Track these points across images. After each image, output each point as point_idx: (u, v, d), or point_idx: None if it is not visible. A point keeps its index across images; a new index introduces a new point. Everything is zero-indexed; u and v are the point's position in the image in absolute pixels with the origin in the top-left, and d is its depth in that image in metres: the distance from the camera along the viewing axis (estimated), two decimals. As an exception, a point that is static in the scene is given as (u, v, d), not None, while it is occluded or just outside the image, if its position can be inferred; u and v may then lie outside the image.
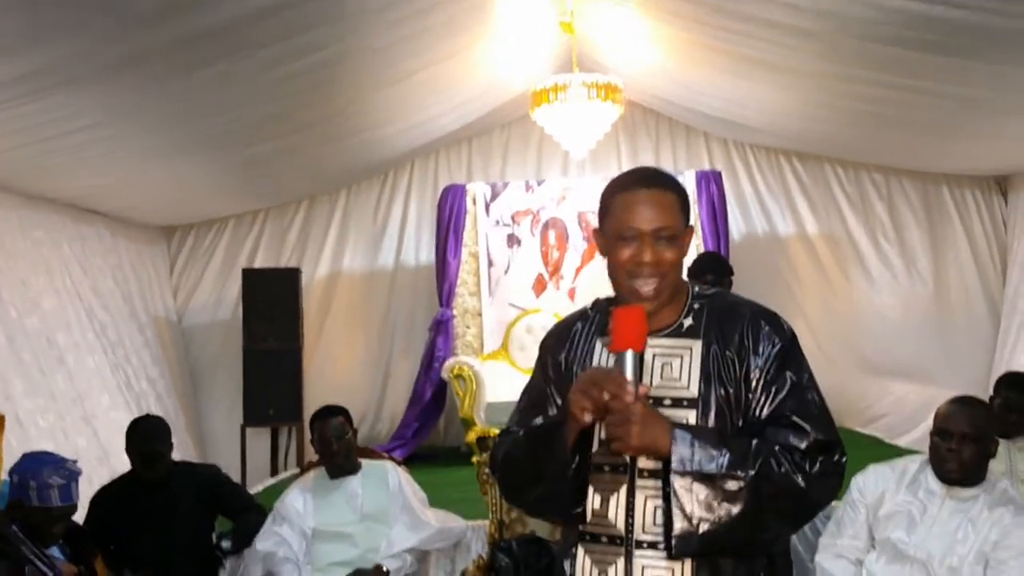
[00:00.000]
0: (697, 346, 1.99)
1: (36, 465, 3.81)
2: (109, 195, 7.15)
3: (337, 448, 4.43)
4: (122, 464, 6.44)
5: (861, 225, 8.77)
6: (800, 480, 1.89)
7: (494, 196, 8.39)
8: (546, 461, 1.96)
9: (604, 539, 1.99)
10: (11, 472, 3.80)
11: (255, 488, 7.12)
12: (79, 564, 3.79)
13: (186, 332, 8.84)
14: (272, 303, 8.11)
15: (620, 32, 7.27)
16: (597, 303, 2.18)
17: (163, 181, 7.11)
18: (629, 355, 1.87)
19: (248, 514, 4.51)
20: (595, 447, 1.98)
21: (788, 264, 8.87)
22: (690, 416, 1.94)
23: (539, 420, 2.12)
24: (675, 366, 1.99)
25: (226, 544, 4.28)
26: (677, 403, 1.96)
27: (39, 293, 6.55)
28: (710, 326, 2.01)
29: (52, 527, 3.74)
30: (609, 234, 2.03)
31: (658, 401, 1.96)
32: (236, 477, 7.68)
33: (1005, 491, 3.35)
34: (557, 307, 8.14)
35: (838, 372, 8.49)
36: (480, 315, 8.35)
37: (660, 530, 1.92)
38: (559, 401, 2.10)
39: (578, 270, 8.39)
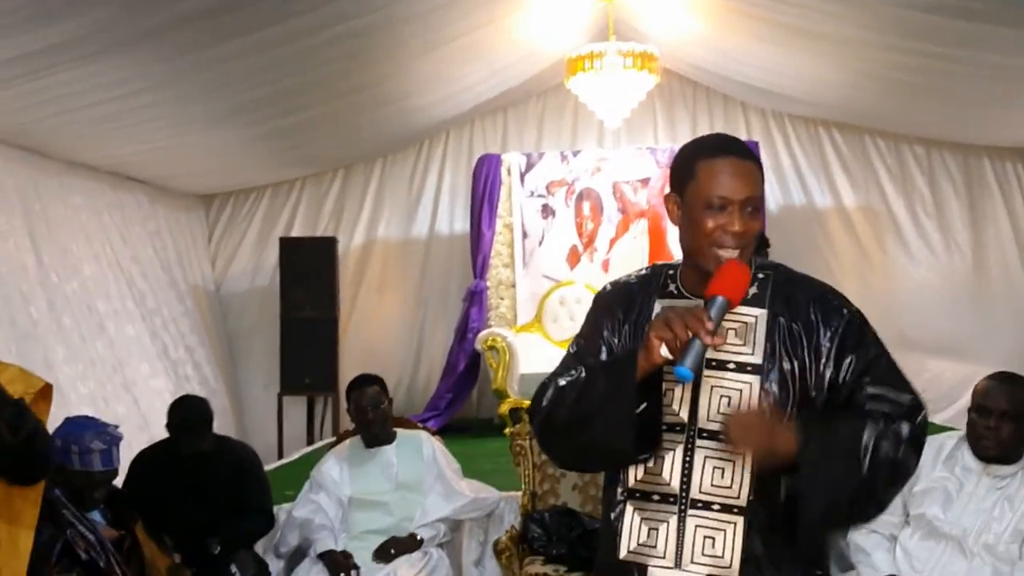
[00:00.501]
0: (762, 315, 1.99)
1: (78, 430, 3.86)
2: (148, 163, 7.21)
3: (373, 417, 4.46)
4: (162, 432, 6.55)
5: (901, 198, 8.66)
6: (905, 455, 1.98)
7: (529, 167, 8.36)
8: (609, 397, 1.92)
9: (656, 497, 1.98)
10: (53, 436, 3.84)
11: (292, 455, 7.21)
12: (120, 528, 3.84)
13: (224, 300, 8.93)
14: (309, 272, 8.17)
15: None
16: (656, 267, 2.17)
17: (201, 149, 7.16)
18: (719, 300, 1.85)
19: (252, 520, 4.43)
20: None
21: (825, 237, 8.78)
22: (754, 381, 1.96)
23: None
24: (740, 332, 1.99)
25: (214, 547, 4.27)
26: (741, 368, 1.97)
27: (80, 259, 6.63)
28: (775, 296, 2.01)
29: (94, 491, 3.78)
30: (691, 202, 1.98)
31: (722, 364, 1.97)
32: (273, 445, 7.79)
33: (1043, 468, 3.31)
34: (591, 279, 8.13)
35: (875, 347, 8.42)
36: (514, 286, 8.34)
37: (716, 490, 1.94)
38: (610, 348, 2.10)
39: (612, 242, 8.35)
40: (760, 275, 2.04)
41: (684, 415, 1.97)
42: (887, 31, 6.01)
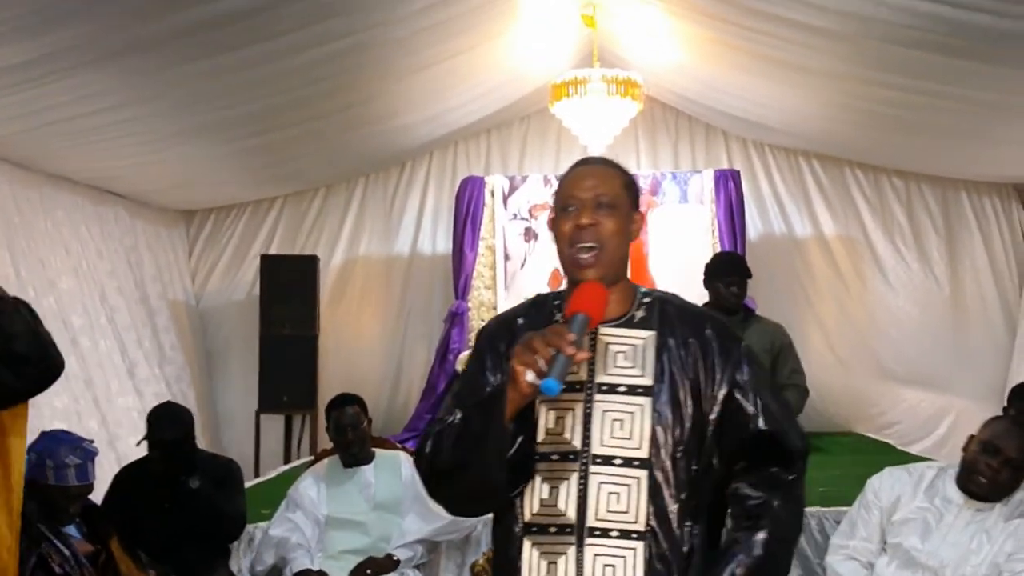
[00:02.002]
0: (651, 337, 2.00)
1: (53, 444, 3.83)
2: (128, 177, 7.19)
3: (352, 437, 4.44)
4: (129, 449, 6.50)
5: (879, 229, 8.74)
6: (792, 515, 2.11)
7: (512, 189, 8.39)
8: (482, 437, 1.88)
9: (553, 529, 1.95)
10: (29, 450, 3.81)
11: (269, 474, 7.16)
12: (95, 543, 3.81)
13: (203, 316, 8.88)
14: (289, 289, 8.15)
15: (642, 28, 7.25)
16: (540, 297, 2.17)
17: (183, 164, 7.14)
18: (579, 317, 1.83)
19: (231, 510, 4.45)
20: (541, 436, 1.96)
21: (804, 266, 8.84)
22: (645, 403, 1.95)
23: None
24: (629, 355, 1.99)
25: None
26: (631, 390, 1.96)
27: (57, 273, 6.59)
28: (664, 319, 2.02)
29: (69, 506, 3.76)
30: (556, 214, 2.05)
31: (612, 388, 1.97)
32: (250, 463, 7.74)
33: (1021, 502, 3.33)
34: (572, 302, 8.13)
35: (851, 377, 8.48)
36: (495, 308, 8.34)
37: (613, 515, 1.92)
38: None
39: (593, 265, 8.37)
40: (647, 299, 2.06)
41: (577, 442, 1.95)
42: (868, 65, 6.08)
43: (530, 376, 1.78)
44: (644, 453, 1.93)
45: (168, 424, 4.33)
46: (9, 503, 2.34)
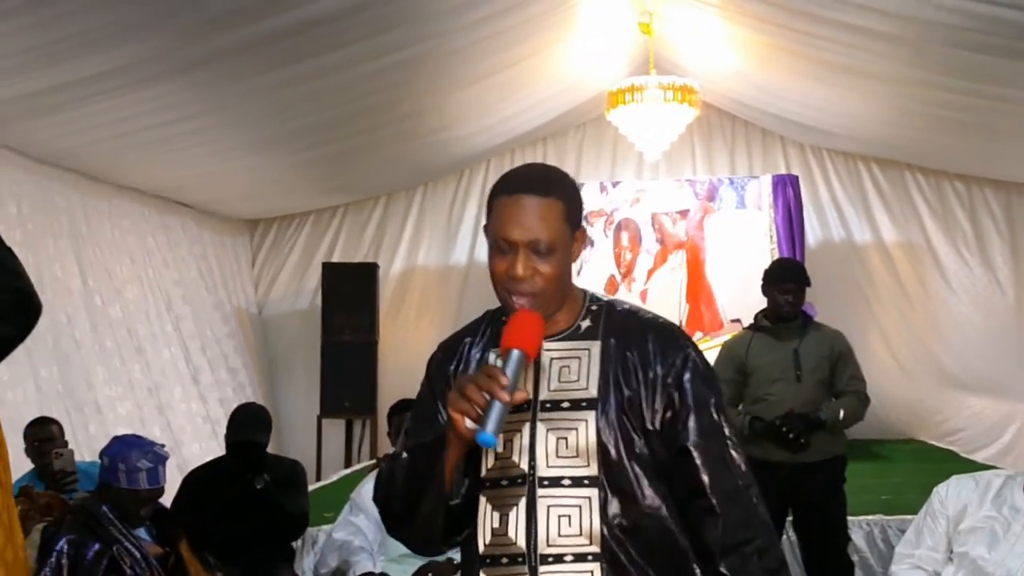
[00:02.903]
0: (596, 347, 1.86)
1: (125, 448, 3.92)
2: (196, 187, 7.36)
3: (413, 442, 4.49)
4: (192, 454, 6.65)
5: (941, 233, 8.62)
6: None
7: (568, 196, 8.41)
8: (427, 482, 1.78)
9: (505, 560, 1.82)
10: (101, 455, 3.92)
11: (330, 478, 7.28)
12: (165, 545, 3.90)
13: (266, 323, 9.06)
14: (350, 297, 8.29)
15: (698, 34, 7.26)
16: (488, 314, 1.99)
17: (247, 175, 7.30)
18: (515, 354, 1.69)
19: (295, 509, 4.53)
20: (491, 462, 1.83)
21: (864, 272, 8.75)
22: (589, 417, 1.80)
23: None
24: (573, 368, 1.85)
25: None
26: (575, 405, 1.82)
27: (123, 282, 6.76)
28: (609, 328, 1.87)
29: (139, 509, 3.84)
30: (489, 239, 1.84)
31: (556, 404, 1.82)
32: (311, 467, 7.86)
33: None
34: (628, 309, 8.16)
35: (914, 384, 8.37)
36: (551, 315, 8.38)
37: (566, 540, 1.79)
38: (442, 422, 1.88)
39: (650, 272, 8.39)
40: (593, 307, 1.91)
41: (524, 465, 1.81)
42: (929, 68, 6.02)
43: (468, 423, 1.67)
44: (593, 471, 1.78)
45: (253, 424, 4.44)
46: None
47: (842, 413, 4.19)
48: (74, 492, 4.21)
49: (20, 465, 4.64)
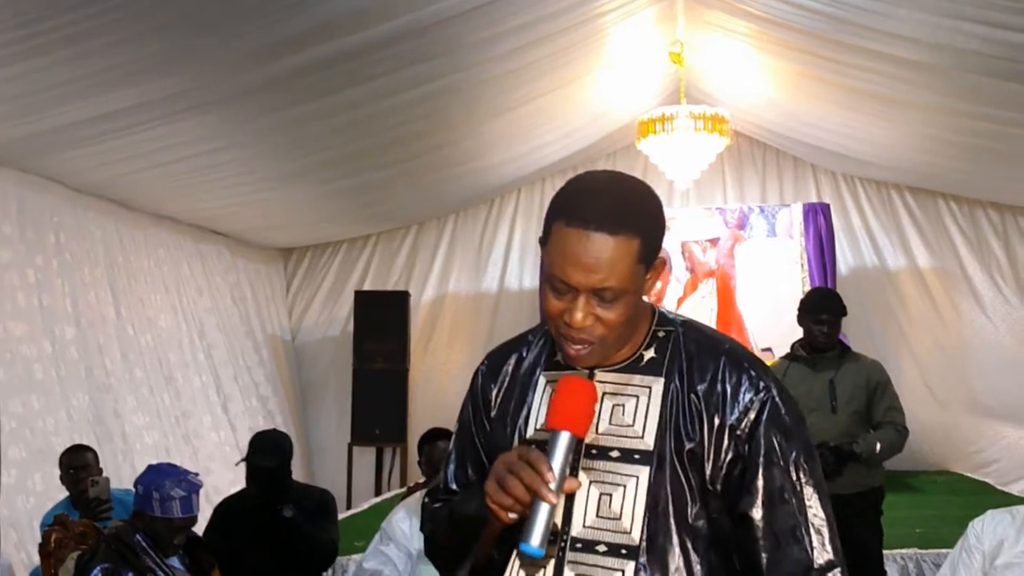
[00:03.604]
0: (658, 385, 1.55)
1: (159, 477, 3.95)
2: (230, 217, 7.45)
3: (443, 472, 4.49)
4: (220, 483, 6.68)
5: (976, 261, 8.55)
6: None
7: (599, 225, 8.43)
8: (466, 549, 1.63)
9: None
10: (136, 483, 3.95)
11: (360, 507, 7.28)
12: (197, 574, 3.92)
13: (299, 350, 9.13)
14: (382, 324, 8.35)
15: (729, 63, 7.28)
16: (542, 327, 1.70)
17: (281, 205, 7.38)
18: (563, 439, 1.45)
19: (325, 539, 4.50)
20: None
21: (898, 299, 8.69)
22: (642, 473, 1.51)
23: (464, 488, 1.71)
24: (628, 408, 1.55)
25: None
26: (627, 456, 1.53)
27: (157, 311, 6.84)
28: (676, 361, 1.56)
29: (173, 537, 3.86)
30: (543, 269, 1.56)
31: (604, 452, 1.54)
32: (342, 495, 7.88)
33: None
34: (659, 337, 8.15)
35: (947, 413, 8.28)
36: (582, 343, 8.37)
37: None
38: (486, 459, 1.66)
39: (680, 301, 8.37)
40: (660, 333, 1.60)
41: (557, 519, 1.53)
42: (961, 97, 6.00)
43: (511, 517, 1.45)
44: (634, 539, 1.50)
45: (269, 450, 4.44)
46: None
47: (879, 446, 4.13)
48: (108, 520, 4.23)
49: (55, 493, 4.69)
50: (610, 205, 1.48)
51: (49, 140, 5.13)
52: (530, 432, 1.61)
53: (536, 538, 1.39)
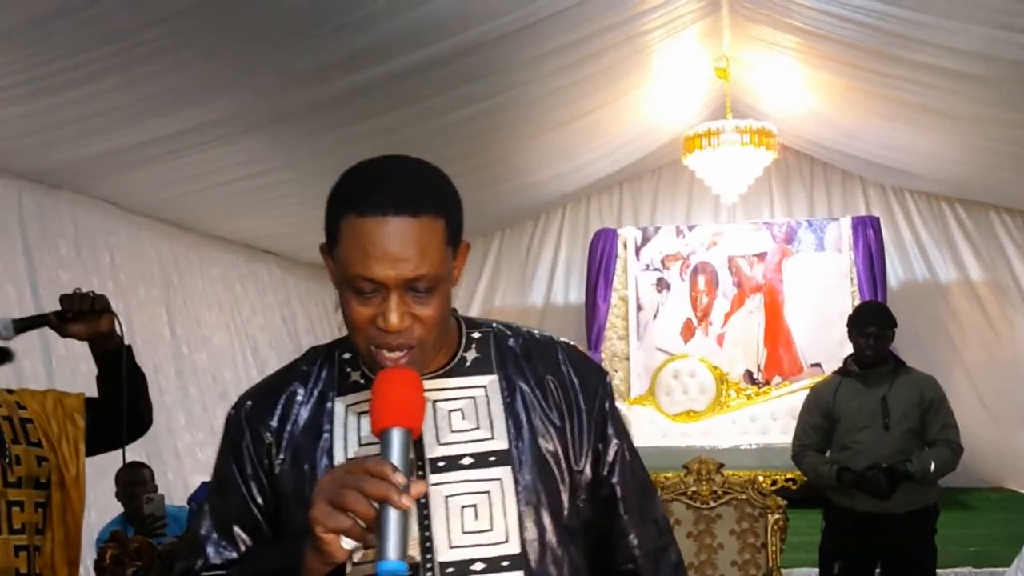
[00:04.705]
0: (492, 382, 1.41)
1: (213, 494, 4.02)
2: (282, 236, 7.54)
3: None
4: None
5: (1029, 273, 8.44)
6: None
7: (644, 240, 8.44)
8: None
9: None
10: (190, 500, 4.03)
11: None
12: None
13: (346, 368, 9.19)
14: (430, 341, 8.37)
15: (775, 77, 7.26)
16: (317, 351, 1.49)
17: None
18: (397, 436, 1.20)
19: None
20: (357, 556, 1.21)
21: (950, 313, 8.59)
22: (504, 475, 1.36)
23: (237, 553, 1.39)
24: (468, 412, 1.38)
25: None
26: (481, 460, 1.36)
27: (211, 330, 6.93)
28: (505, 357, 1.43)
29: (226, 554, 3.92)
30: (337, 269, 1.34)
31: (454, 462, 1.35)
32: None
33: None
34: (705, 353, 8.12)
35: (1001, 428, 8.15)
36: (628, 359, 8.37)
37: None
38: (266, 519, 1.39)
39: (727, 316, 8.33)
40: (476, 334, 1.46)
41: (415, 551, 1.32)
42: (1013, 108, 5.94)
43: (347, 543, 1.16)
44: (515, 547, 1.34)
45: None
46: (73, 559, 2.42)
47: (933, 465, 4.07)
48: (163, 537, 4.30)
49: (111, 509, 4.76)
50: (405, 187, 1.32)
51: (104, 163, 5.24)
52: (339, 462, 1.35)
53: (394, 550, 1.13)
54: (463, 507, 1.35)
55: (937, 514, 4.28)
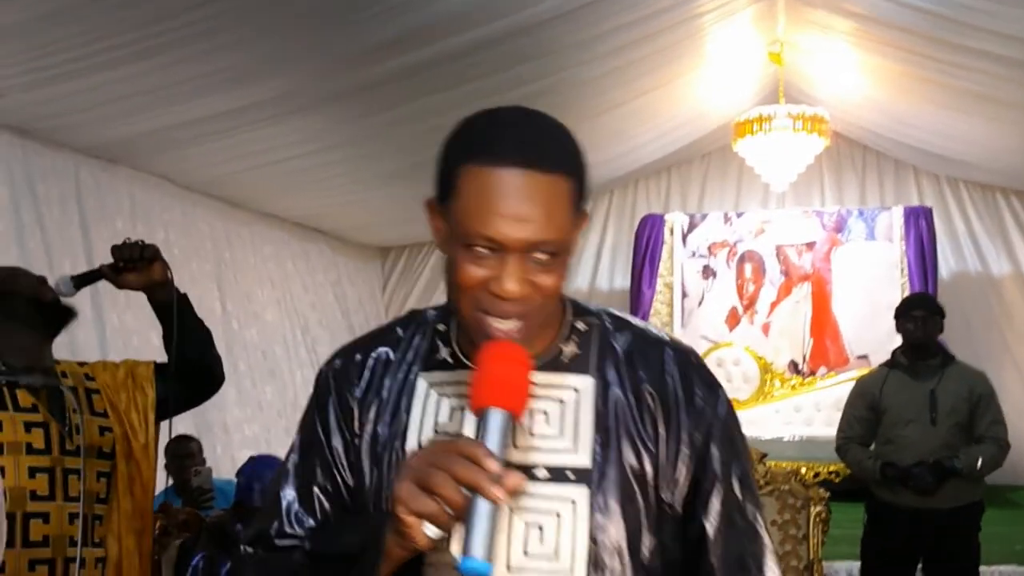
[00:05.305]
0: (587, 386, 1.23)
1: (261, 468, 4.06)
2: (332, 216, 7.63)
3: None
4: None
5: (1084, 267, 8.28)
6: None
7: (691, 227, 8.39)
8: None
9: None
10: (238, 473, 4.07)
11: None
12: (296, 564, 4.02)
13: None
14: (474, 324, 8.42)
15: (830, 63, 7.17)
16: (414, 318, 1.35)
17: (380, 204, 7.52)
18: (498, 417, 1.08)
19: None
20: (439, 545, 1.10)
21: (1002, 306, 8.45)
22: (580, 496, 1.18)
23: (315, 521, 1.27)
24: (553, 417, 1.21)
25: None
26: (558, 475, 1.19)
27: (262, 306, 7.02)
28: (607, 357, 1.24)
29: (272, 527, 3.97)
30: (451, 227, 1.17)
31: (526, 471, 1.15)
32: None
33: None
34: (750, 342, 8.07)
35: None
36: (672, 346, 8.34)
37: None
38: (347, 488, 1.27)
39: (773, 305, 8.26)
40: (581, 325, 1.27)
41: None
42: (1074, 99, 5.83)
43: (430, 531, 1.05)
44: None
45: None
46: (141, 529, 2.44)
47: (980, 461, 4.03)
48: (210, 509, 4.37)
49: (159, 481, 4.86)
50: (535, 140, 1.16)
51: (159, 139, 5.32)
52: (410, 448, 1.22)
53: (480, 546, 1.02)
54: (528, 526, 1.18)
55: (982, 511, 4.23)
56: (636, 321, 1.32)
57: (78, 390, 2.37)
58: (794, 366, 8.11)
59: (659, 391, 1.22)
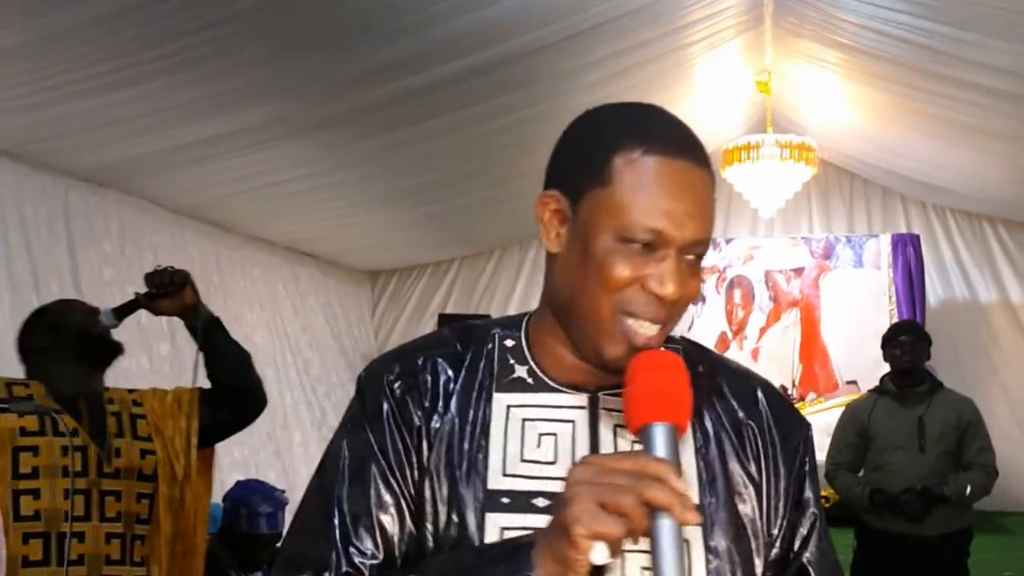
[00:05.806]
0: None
1: (248, 492, 4.05)
2: (322, 239, 7.63)
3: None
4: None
5: (1071, 295, 8.33)
6: None
7: (681, 252, 8.40)
8: None
9: None
10: (224, 497, 4.06)
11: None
12: (282, 589, 4.00)
13: (385, 371, 9.28)
14: (464, 348, 8.43)
15: (817, 92, 7.23)
16: (471, 332, 1.20)
17: (370, 228, 7.54)
18: (662, 433, 0.97)
19: None
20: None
21: (989, 333, 8.49)
22: (692, 537, 1.08)
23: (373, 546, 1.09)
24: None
25: None
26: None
27: (252, 328, 7.01)
28: (698, 388, 1.07)
29: (259, 553, 3.95)
30: (593, 221, 1.07)
31: None
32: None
33: None
34: (741, 367, 8.08)
35: (1042, 453, 8.04)
36: (662, 370, 8.34)
37: None
38: (408, 505, 1.10)
39: (763, 330, 8.29)
40: (669, 346, 1.16)
41: None
42: (1058, 128, 5.88)
43: (600, 556, 0.92)
44: None
45: None
46: (188, 551, 2.45)
47: (968, 489, 4.03)
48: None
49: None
50: (691, 133, 1.09)
51: (150, 163, 5.32)
52: (493, 480, 1.09)
53: (673, 572, 0.92)
54: (642, 569, 1.06)
55: (971, 537, 4.24)
56: (712, 351, 1.25)
57: (122, 415, 2.44)
58: (784, 391, 8.12)
59: (757, 426, 1.15)
